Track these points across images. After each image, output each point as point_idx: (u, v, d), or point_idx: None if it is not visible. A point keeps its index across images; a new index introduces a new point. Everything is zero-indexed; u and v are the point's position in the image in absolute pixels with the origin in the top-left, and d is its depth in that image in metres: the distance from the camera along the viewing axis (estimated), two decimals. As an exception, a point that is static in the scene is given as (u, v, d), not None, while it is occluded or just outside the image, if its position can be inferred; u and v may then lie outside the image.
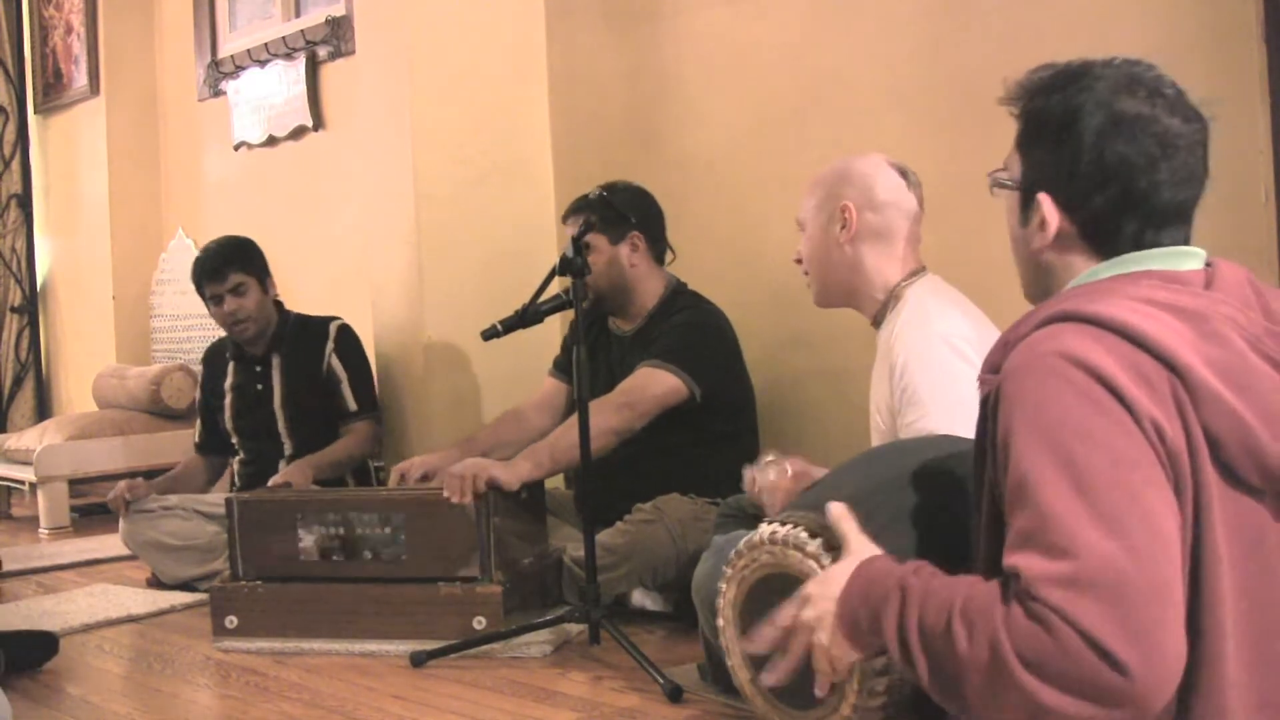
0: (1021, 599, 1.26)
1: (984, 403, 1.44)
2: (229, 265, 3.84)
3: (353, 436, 3.87)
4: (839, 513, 1.58)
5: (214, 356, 4.08)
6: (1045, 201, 1.49)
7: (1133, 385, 1.31)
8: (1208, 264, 1.47)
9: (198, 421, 4.13)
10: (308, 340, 3.91)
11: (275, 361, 3.92)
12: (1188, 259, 1.46)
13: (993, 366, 1.44)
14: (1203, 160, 1.47)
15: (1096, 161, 1.45)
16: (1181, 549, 1.29)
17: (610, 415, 3.04)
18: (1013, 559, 1.29)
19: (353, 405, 3.88)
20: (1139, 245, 1.46)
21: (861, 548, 1.52)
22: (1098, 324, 1.35)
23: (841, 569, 1.49)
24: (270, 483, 3.59)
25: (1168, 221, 1.46)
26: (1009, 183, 1.55)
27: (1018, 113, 1.54)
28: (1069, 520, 1.26)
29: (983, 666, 1.27)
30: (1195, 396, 1.32)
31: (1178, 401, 1.32)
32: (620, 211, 3.25)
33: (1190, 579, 1.30)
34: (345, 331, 3.94)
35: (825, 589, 1.48)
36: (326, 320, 3.96)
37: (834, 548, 1.60)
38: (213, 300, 3.86)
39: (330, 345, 3.89)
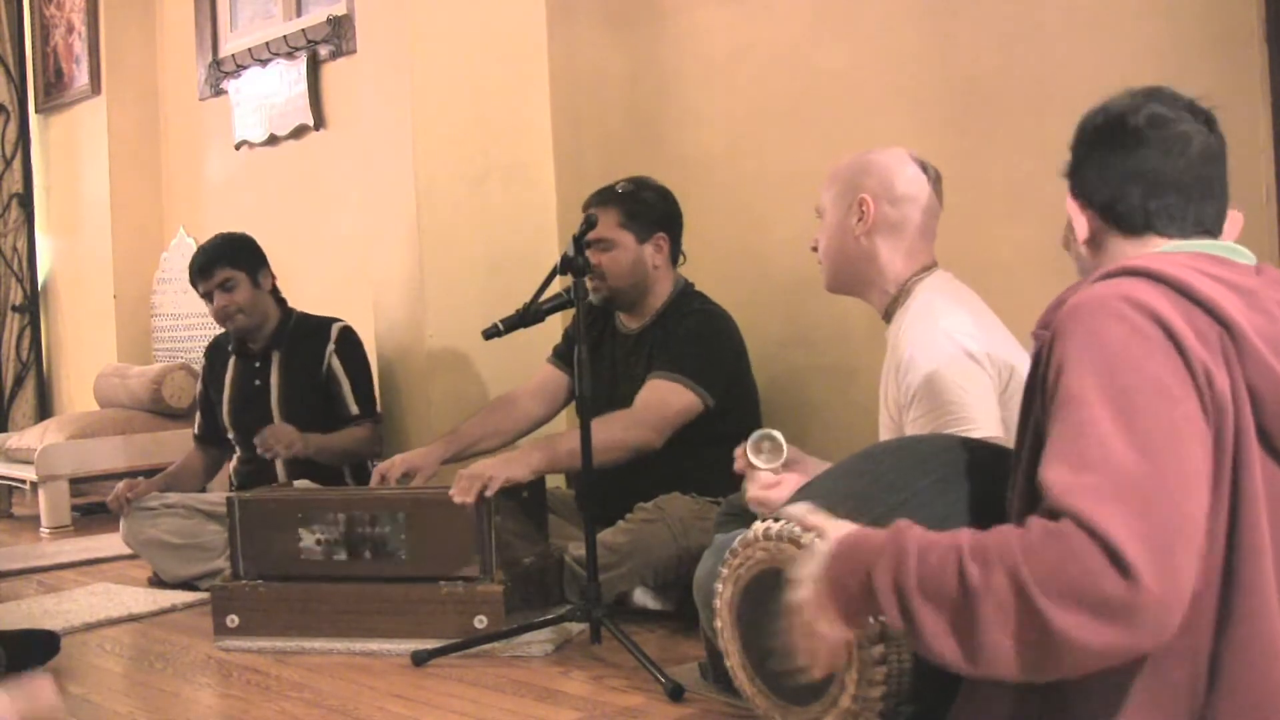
0: (1045, 513, 1.28)
1: (1036, 353, 1.48)
2: (214, 263, 3.88)
3: (354, 433, 3.86)
4: (802, 510, 1.58)
5: (216, 350, 4.10)
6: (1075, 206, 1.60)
7: (1189, 331, 1.37)
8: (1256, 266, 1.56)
9: (198, 413, 4.15)
10: (308, 340, 3.92)
11: (275, 359, 3.93)
12: (1239, 255, 1.54)
13: (1045, 323, 1.49)
14: (1222, 170, 1.59)
15: (1136, 142, 1.56)
16: (1215, 496, 1.33)
17: (631, 431, 3.05)
18: (1043, 472, 1.32)
19: (354, 409, 3.87)
20: (1179, 217, 1.56)
21: (839, 525, 1.52)
22: (1156, 278, 1.42)
23: (821, 546, 1.48)
24: (266, 430, 3.66)
25: (1203, 196, 1.57)
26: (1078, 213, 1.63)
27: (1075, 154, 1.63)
28: (1106, 437, 1.30)
29: (999, 596, 1.26)
30: (1242, 353, 1.38)
31: (1226, 356, 1.37)
32: (649, 210, 3.26)
33: (1229, 528, 1.34)
34: (347, 334, 3.93)
35: (809, 567, 1.47)
36: (329, 321, 3.95)
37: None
38: (206, 297, 3.91)
39: (331, 347, 3.88)
